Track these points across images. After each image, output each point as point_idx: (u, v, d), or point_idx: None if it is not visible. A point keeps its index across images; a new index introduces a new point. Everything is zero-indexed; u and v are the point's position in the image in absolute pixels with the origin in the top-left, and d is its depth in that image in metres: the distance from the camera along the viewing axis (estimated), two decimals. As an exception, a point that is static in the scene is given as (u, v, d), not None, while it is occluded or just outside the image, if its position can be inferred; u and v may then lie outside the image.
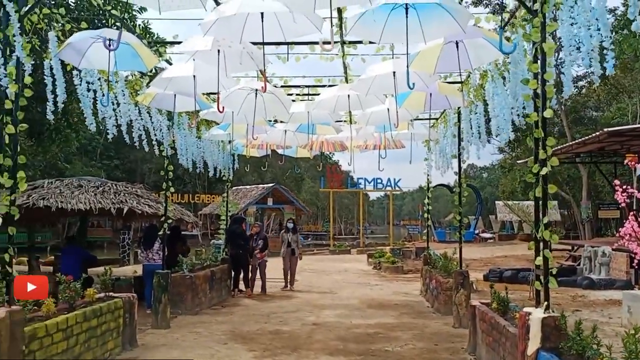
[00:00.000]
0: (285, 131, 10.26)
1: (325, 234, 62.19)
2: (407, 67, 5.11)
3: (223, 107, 6.48)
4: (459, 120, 9.07)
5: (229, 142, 11.48)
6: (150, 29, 12.11)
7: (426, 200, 12.87)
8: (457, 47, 5.65)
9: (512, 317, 5.79)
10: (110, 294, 7.07)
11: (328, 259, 24.86)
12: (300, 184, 70.45)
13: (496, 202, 46.87)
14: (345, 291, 13.41)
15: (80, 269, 10.37)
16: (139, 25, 11.26)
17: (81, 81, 6.01)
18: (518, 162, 29.31)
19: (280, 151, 12.18)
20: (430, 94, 7.48)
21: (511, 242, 31.80)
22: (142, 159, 51.07)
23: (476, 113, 8.03)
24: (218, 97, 5.98)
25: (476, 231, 39.69)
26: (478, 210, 41.13)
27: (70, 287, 5.96)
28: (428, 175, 12.75)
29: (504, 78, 6.28)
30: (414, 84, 5.24)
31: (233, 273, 12.56)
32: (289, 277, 13.67)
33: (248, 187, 31.22)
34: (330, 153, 16.73)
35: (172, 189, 8.71)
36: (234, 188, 32.98)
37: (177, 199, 43.79)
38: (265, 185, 30.68)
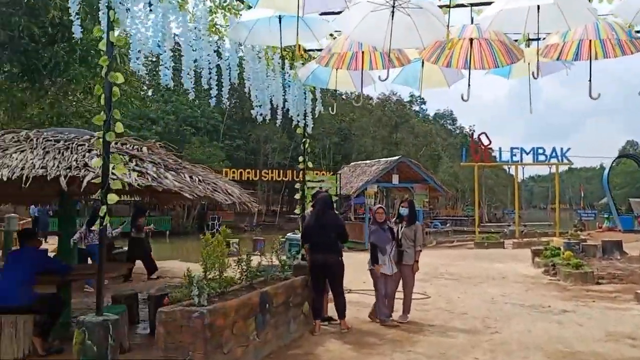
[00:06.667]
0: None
1: (465, 219, 54.40)
2: None
3: None
4: None
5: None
6: None
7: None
8: None
9: None
10: None
11: (473, 255, 18.60)
12: (437, 163, 63.25)
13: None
14: (512, 326, 7.58)
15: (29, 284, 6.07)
16: None
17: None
18: None
19: (382, 74, 6.67)
20: None
21: None
22: (265, 138, 47.95)
23: None
24: None
25: None
26: None
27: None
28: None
29: None
30: None
31: (314, 293, 7.31)
32: (393, 301, 7.71)
33: (368, 162, 25.42)
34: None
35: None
36: (352, 164, 27.54)
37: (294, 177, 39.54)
38: (389, 159, 24.53)
